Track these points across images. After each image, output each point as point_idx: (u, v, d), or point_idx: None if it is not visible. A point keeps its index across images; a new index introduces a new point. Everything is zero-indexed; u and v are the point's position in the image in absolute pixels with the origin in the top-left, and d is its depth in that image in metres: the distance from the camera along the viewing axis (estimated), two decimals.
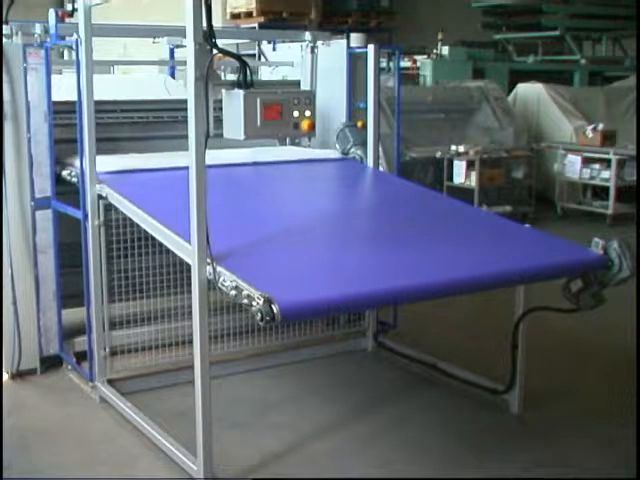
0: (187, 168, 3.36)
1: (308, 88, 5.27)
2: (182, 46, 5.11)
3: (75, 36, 4.19)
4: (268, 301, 2.93)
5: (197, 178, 3.31)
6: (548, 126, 10.91)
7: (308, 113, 4.10)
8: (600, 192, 10.06)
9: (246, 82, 3.78)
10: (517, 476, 3.70)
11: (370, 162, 5.01)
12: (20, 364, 4.70)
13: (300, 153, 5.16)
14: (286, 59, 5.56)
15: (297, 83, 5.39)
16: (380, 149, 5.23)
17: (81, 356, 4.69)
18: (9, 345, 4.63)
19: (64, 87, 4.70)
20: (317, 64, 5.35)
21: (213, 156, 4.45)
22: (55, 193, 4.61)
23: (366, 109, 5.06)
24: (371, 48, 5.01)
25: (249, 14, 12.72)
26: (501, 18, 14.91)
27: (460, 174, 9.31)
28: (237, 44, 7.46)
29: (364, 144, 4.92)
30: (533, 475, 3.72)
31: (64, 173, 4.58)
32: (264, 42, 5.82)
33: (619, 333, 5.47)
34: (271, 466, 3.76)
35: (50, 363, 4.82)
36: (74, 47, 4.22)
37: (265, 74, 5.82)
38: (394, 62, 7.40)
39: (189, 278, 3.44)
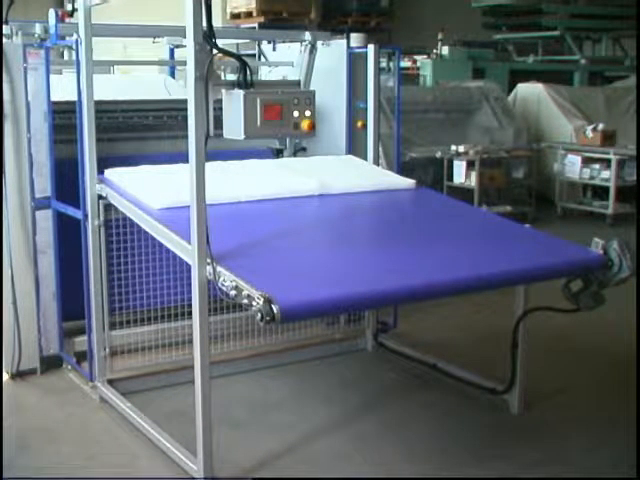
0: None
1: (304, 88, 5.27)
2: (182, 46, 5.11)
3: (75, 36, 4.20)
4: (268, 301, 2.93)
5: (197, 178, 3.31)
6: (548, 126, 10.91)
7: (308, 113, 4.09)
8: (600, 192, 10.06)
9: (246, 82, 3.78)
10: (517, 476, 3.71)
11: (370, 161, 5.03)
12: (20, 364, 4.70)
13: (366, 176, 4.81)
14: (286, 59, 5.57)
15: (297, 83, 5.40)
16: (380, 149, 5.23)
17: (81, 356, 4.69)
18: (9, 345, 4.62)
19: (64, 87, 4.70)
20: (313, 64, 5.36)
21: (269, 178, 4.47)
22: (55, 193, 4.62)
23: (366, 109, 5.06)
24: (371, 48, 5.01)
25: (249, 14, 12.71)
26: (501, 18, 14.91)
27: (460, 174, 9.31)
28: (237, 44, 7.45)
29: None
30: (533, 475, 3.72)
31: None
32: (264, 42, 5.81)
33: (619, 333, 5.47)
34: (271, 466, 3.76)
35: (50, 363, 4.82)
36: (74, 47, 4.22)
37: (263, 74, 5.82)
38: (394, 62, 7.41)
39: (189, 278, 3.45)
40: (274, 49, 5.75)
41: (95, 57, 4.23)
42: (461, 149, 9.34)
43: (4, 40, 4.52)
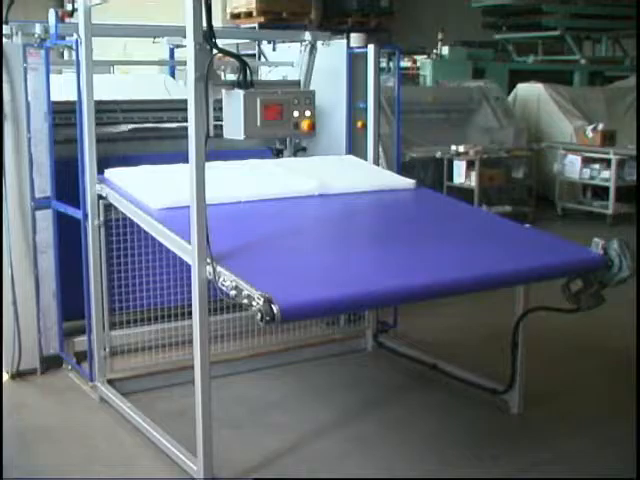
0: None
1: (304, 88, 5.28)
2: (182, 46, 5.11)
3: (75, 36, 4.20)
4: (268, 301, 2.93)
5: (197, 178, 3.32)
6: (548, 126, 10.91)
7: (308, 113, 4.10)
8: (600, 192, 10.06)
9: (246, 82, 3.78)
10: (517, 476, 3.71)
11: (370, 161, 5.03)
12: (20, 364, 4.70)
13: (366, 177, 4.80)
14: (286, 59, 5.57)
15: (297, 83, 5.40)
16: (380, 149, 5.23)
17: (81, 356, 4.69)
18: (9, 345, 4.63)
19: (60, 86, 4.69)
20: (313, 64, 5.36)
21: (270, 180, 4.49)
22: (55, 193, 4.61)
23: (366, 109, 5.06)
24: (371, 48, 5.02)
25: (249, 14, 12.70)
26: (501, 18, 14.89)
27: (460, 174, 9.30)
28: (237, 44, 7.44)
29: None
30: (533, 475, 3.72)
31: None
32: (264, 42, 5.81)
33: (619, 333, 5.47)
34: (271, 466, 3.76)
35: (50, 363, 4.81)
36: (74, 47, 4.22)
37: (263, 74, 5.82)
38: (394, 62, 7.40)
39: (189, 278, 3.45)
40: (274, 49, 5.75)
41: (95, 57, 4.23)
42: (461, 149, 9.34)
43: (4, 40, 4.51)
